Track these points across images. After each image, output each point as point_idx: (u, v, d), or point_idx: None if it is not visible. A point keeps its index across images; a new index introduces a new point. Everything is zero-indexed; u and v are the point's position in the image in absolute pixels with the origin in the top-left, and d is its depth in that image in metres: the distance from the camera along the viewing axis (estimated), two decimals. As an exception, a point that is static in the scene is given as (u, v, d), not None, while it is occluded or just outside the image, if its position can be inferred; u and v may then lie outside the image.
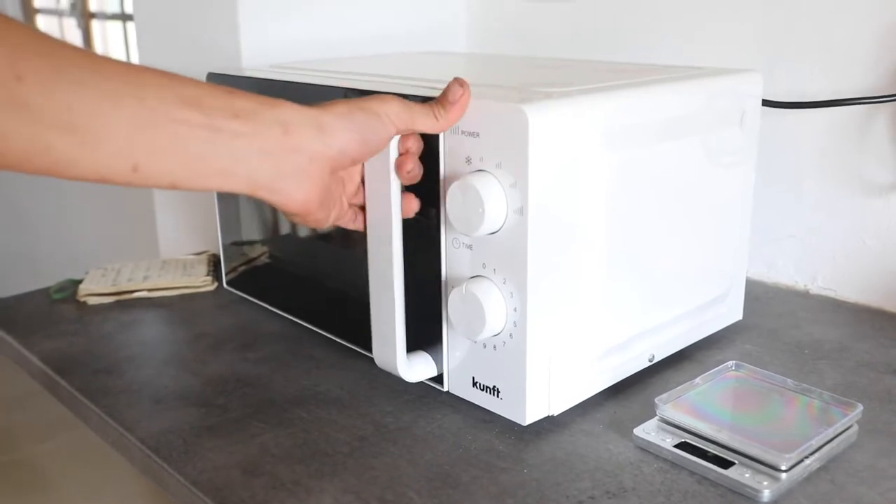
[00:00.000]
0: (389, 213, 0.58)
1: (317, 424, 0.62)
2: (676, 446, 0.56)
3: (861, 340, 0.75)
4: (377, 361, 0.63)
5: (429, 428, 0.61)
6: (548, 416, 0.60)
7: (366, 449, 0.58)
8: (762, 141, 0.75)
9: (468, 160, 0.56)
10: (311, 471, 0.56)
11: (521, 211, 0.54)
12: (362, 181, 0.60)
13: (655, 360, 0.68)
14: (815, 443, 0.55)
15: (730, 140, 0.70)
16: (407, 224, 0.59)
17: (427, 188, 0.59)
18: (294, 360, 0.72)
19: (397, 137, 0.57)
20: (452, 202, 0.56)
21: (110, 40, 2.41)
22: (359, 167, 0.59)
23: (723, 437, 0.55)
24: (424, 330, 0.63)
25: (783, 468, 0.53)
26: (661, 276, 0.67)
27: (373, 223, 0.60)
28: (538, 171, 0.53)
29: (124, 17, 2.21)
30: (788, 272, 0.89)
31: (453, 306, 0.58)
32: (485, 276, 0.57)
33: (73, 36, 2.51)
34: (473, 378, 0.61)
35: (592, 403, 0.63)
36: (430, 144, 0.58)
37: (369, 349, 0.64)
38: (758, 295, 0.86)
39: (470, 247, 0.58)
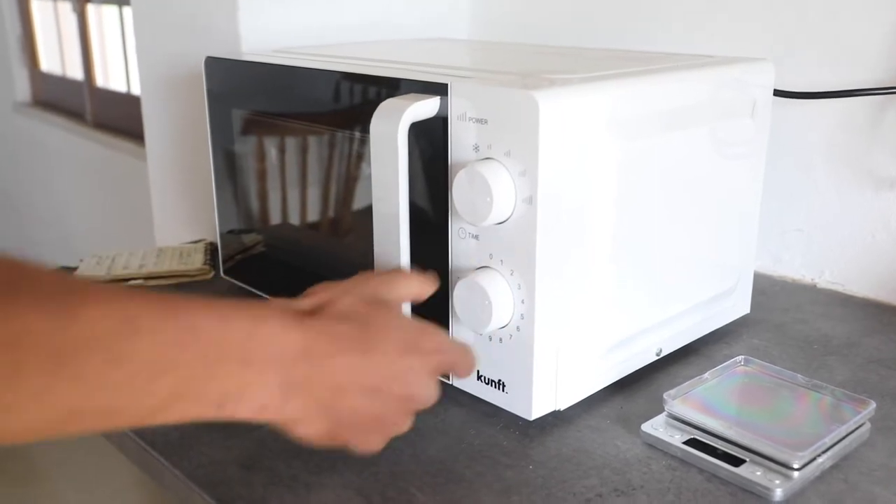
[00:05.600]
0: (397, 202, 0.56)
1: (317, 417, 0.60)
2: (685, 443, 0.55)
3: (870, 336, 0.74)
4: None
5: (431, 422, 0.59)
6: (553, 411, 0.58)
7: (367, 443, 0.57)
8: (769, 132, 0.73)
9: (476, 148, 0.55)
10: (311, 466, 0.54)
11: (530, 200, 0.52)
12: None
13: (663, 354, 0.67)
14: (827, 441, 0.54)
15: (740, 130, 0.68)
16: (412, 213, 0.58)
17: (433, 176, 0.58)
18: (293, 352, 0.71)
19: (408, 124, 0.55)
20: (459, 190, 0.54)
21: (106, 24, 2.38)
22: None
23: (732, 433, 0.54)
24: (429, 322, 0.61)
25: (795, 466, 0.51)
26: (669, 269, 0.65)
27: (379, 213, 0.58)
28: (548, 160, 0.52)
29: (120, 1, 2.18)
30: (795, 266, 0.88)
31: (459, 298, 0.57)
32: (492, 268, 0.56)
33: (69, 21, 2.47)
34: (478, 371, 0.59)
35: (598, 398, 0.62)
36: (436, 131, 0.57)
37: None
38: (764, 289, 0.84)
39: (476, 237, 0.56)
